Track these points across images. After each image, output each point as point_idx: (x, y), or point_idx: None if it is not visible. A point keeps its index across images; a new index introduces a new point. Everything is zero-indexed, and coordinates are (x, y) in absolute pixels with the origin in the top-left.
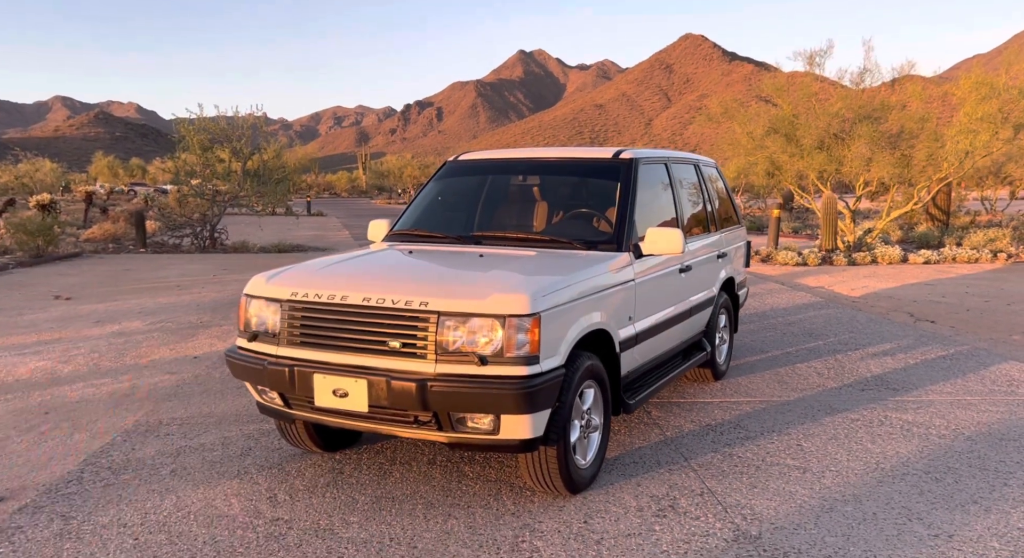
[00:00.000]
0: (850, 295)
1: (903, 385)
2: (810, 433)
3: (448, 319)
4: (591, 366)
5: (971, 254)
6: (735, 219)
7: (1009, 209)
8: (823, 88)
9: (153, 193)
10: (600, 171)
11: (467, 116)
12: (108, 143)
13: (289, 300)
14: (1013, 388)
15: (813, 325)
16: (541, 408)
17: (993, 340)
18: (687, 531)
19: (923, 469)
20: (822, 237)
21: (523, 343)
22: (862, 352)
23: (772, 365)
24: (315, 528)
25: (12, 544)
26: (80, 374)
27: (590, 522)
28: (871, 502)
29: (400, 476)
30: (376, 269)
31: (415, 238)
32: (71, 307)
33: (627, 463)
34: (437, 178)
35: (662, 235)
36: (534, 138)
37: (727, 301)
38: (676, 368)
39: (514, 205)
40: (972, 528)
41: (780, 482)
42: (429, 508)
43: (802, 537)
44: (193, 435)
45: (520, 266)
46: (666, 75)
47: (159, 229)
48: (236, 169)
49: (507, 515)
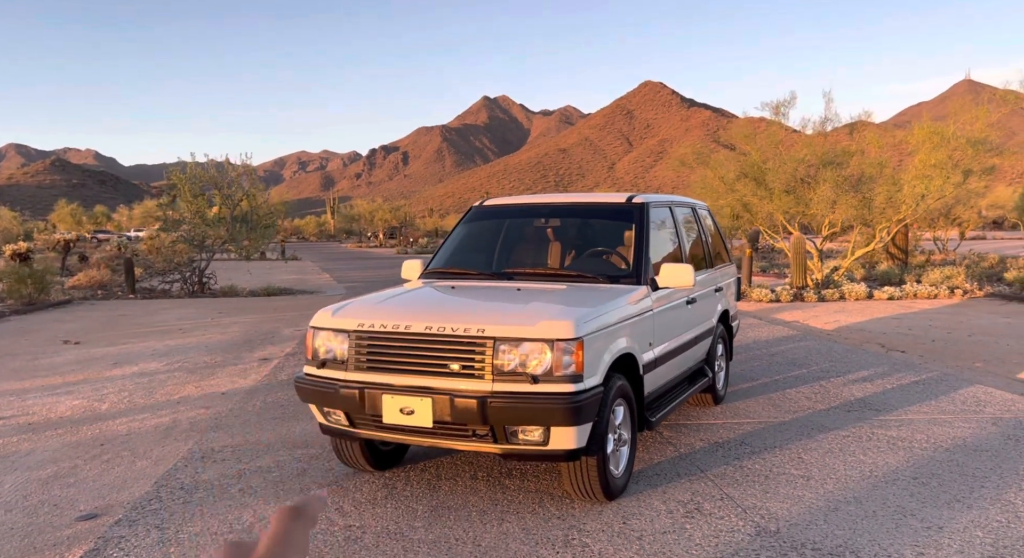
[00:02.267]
0: (824, 328)
1: (884, 406)
2: (808, 448)
3: (503, 344)
4: (622, 386)
5: (931, 290)
6: (726, 257)
7: (960, 249)
8: (787, 135)
9: (124, 240)
10: (616, 214)
11: (433, 160)
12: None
13: (356, 330)
14: (981, 407)
15: (795, 355)
16: (585, 421)
17: (959, 367)
18: (715, 528)
19: (911, 475)
20: (792, 275)
21: (569, 364)
22: (843, 379)
23: (764, 391)
24: (386, 532)
25: (122, 550)
26: (119, 410)
27: (628, 523)
28: (870, 503)
29: (449, 489)
30: (430, 302)
31: (451, 275)
32: (83, 351)
33: (650, 475)
34: (465, 222)
35: (676, 270)
36: (500, 182)
37: (723, 331)
38: (685, 391)
39: (538, 245)
40: (958, 522)
41: (788, 488)
42: (482, 515)
43: (815, 531)
44: (247, 460)
45: (557, 298)
46: (627, 120)
47: (143, 275)
48: (225, 215)
49: (554, 519)
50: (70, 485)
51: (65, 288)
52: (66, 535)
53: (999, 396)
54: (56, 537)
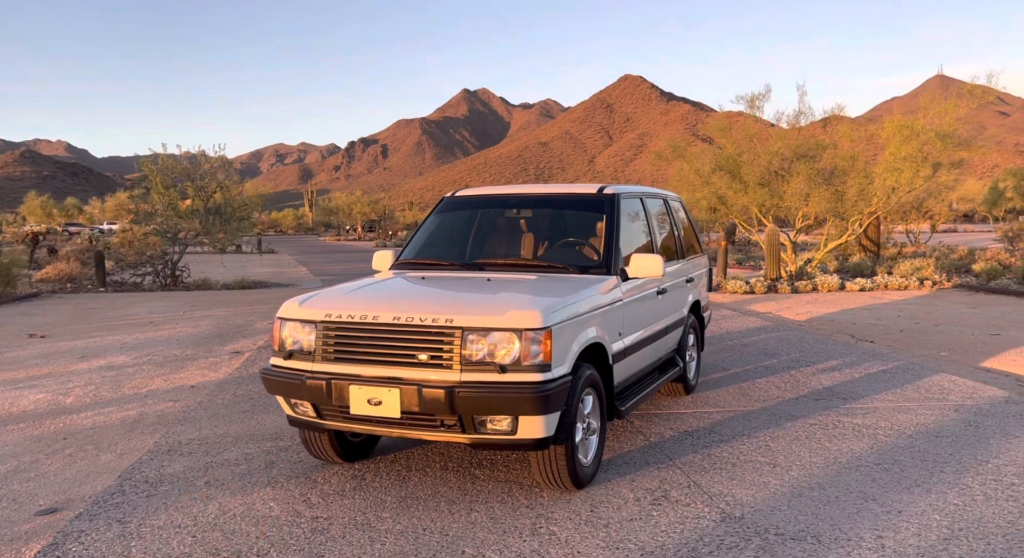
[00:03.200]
0: (796, 319)
1: (851, 395)
2: (775, 435)
3: (471, 333)
4: (591, 375)
5: (901, 282)
6: (698, 248)
7: (931, 241)
8: (762, 129)
9: (96, 233)
10: (587, 204)
11: (413, 153)
12: (35, 182)
13: (324, 321)
14: (944, 395)
15: (766, 346)
16: (553, 410)
17: (925, 356)
18: (680, 515)
19: (874, 461)
20: (767, 267)
21: (537, 353)
22: (812, 368)
23: (734, 381)
24: (354, 523)
25: (82, 544)
26: (85, 404)
27: (596, 510)
28: (833, 488)
29: (419, 480)
30: (399, 292)
31: (420, 266)
32: (49, 344)
33: (619, 464)
34: (436, 212)
35: (645, 260)
36: (480, 175)
37: (694, 322)
38: (656, 380)
39: (509, 235)
40: (917, 505)
41: (755, 475)
42: (451, 504)
43: (778, 516)
44: (215, 453)
45: (526, 288)
46: (607, 114)
47: (115, 268)
48: (198, 207)
49: (522, 508)
50: (30, 479)
51: (33, 281)
52: (24, 530)
53: (962, 384)
54: (14, 532)
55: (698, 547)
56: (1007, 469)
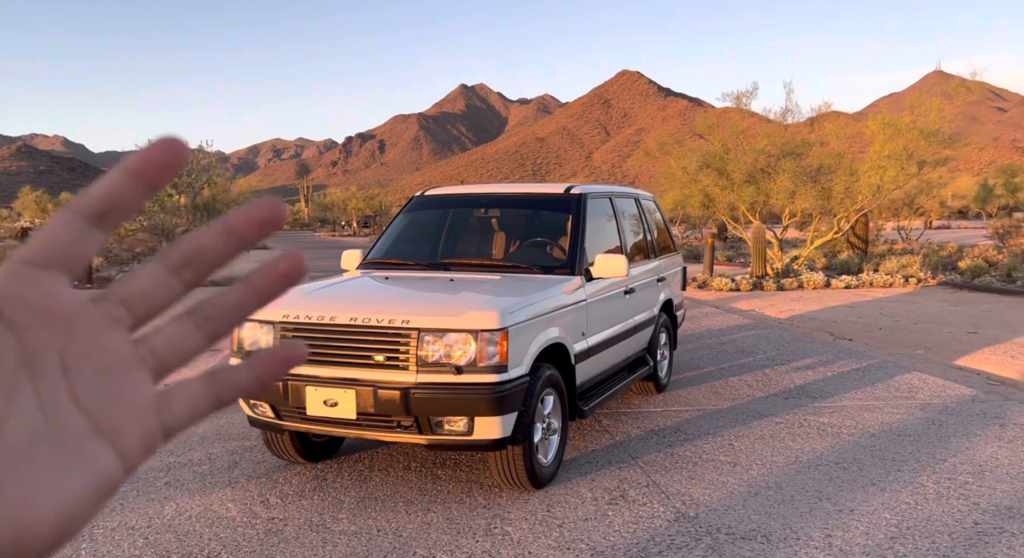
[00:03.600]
0: (778, 317)
1: (821, 393)
2: (740, 434)
3: (427, 335)
4: (550, 375)
5: (886, 279)
6: (672, 247)
7: (923, 238)
8: (753, 124)
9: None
10: (554, 205)
11: (410, 148)
12: (32, 177)
13: (281, 321)
14: (913, 394)
15: (744, 344)
16: (509, 411)
17: (900, 354)
18: (636, 514)
19: (834, 461)
20: (753, 264)
21: (493, 354)
22: (787, 366)
23: (708, 379)
24: (309, 524)
25: None
26: None
27: (552, 511)
28: (790, 488)
29: (379, 480)
30: (359, 293)
31: (387, 266)
32: None
33: (582, 463)
34: (406, 212)
35: (609, 260)
36: (477, 170)
37: (667, 321)
38: (624, 380)
39: (477, 235)
40: (870, 504)
41: (714, 474)
42: (409, 505)
43: (732, 516)
44: (179, 452)
45: (487, 288)
46: (604, 109)
47: (102, 264)
48: (185, 203)
49: (479, 508)
50: None
51: None
52: None
53: (932, 383)
54: None
55: (648, 547)
56: (962, 468)
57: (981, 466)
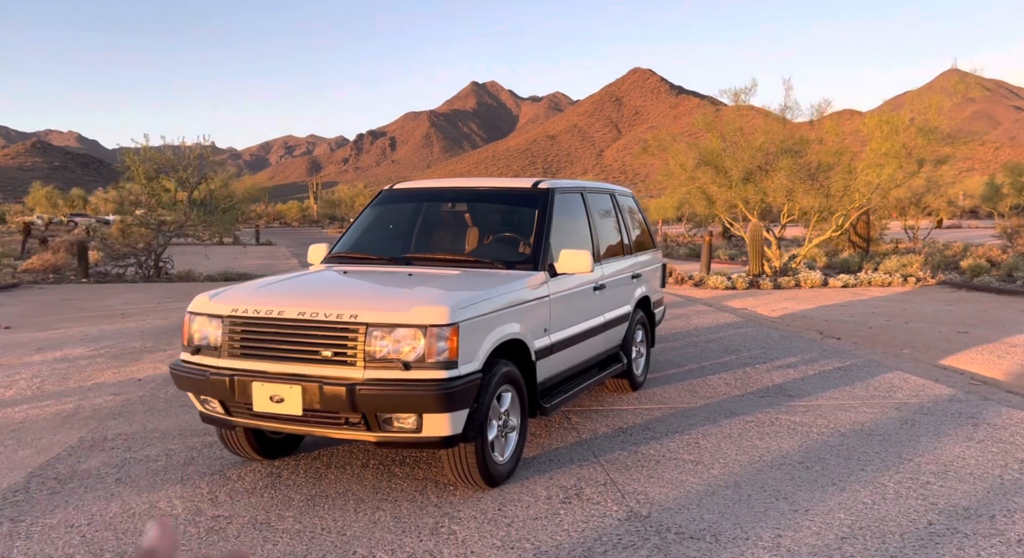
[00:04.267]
0: (770, 316)
1: (798, 392)
2: (708, 433)
3: (375, 329)
4: (508, 372)
5: (884, 278)
6: (651, 243)
7: (930, 237)
8: (753, 122)
9: (95, 223)
10: (521, 199)
11: (421, 146)
12: (46, 173)
13: (230, 316)
14: (891, 393)
15: (731, 342)
16: (459, 408)
17: (886, 353)
18: (587, 513)
19: (798, 460)
20: (750, 263)
21: (443, 350)
22: (769, 365)
23: (687, 377)
24: (253, 522)
25: None
26: (24, 397)
27: (503, 509)
28: (748, 487)
29: (335, 477)
30: (311, 287)
31: (352, 260)
32: (11, 336)
33: (543, 461)
34: (373, 205)
35: (574, 256)
36: (488, 168)
37: (643, 318)
38: (593, 377)
39: (443, 230)
40: (826, 504)
41: (675, 473)
42: (359, 503)
43: (684, 515)
44: (137, 448)
45: (444, 283)
46: (616, 107)
47: (102, 259)
48: (182, 199)
49: (430, 506)
50: None
51: (17, 271)
52: None
53: (913, 382)
54: None
55: (594, 547)
56: (927, 468)
57: (946, 466)
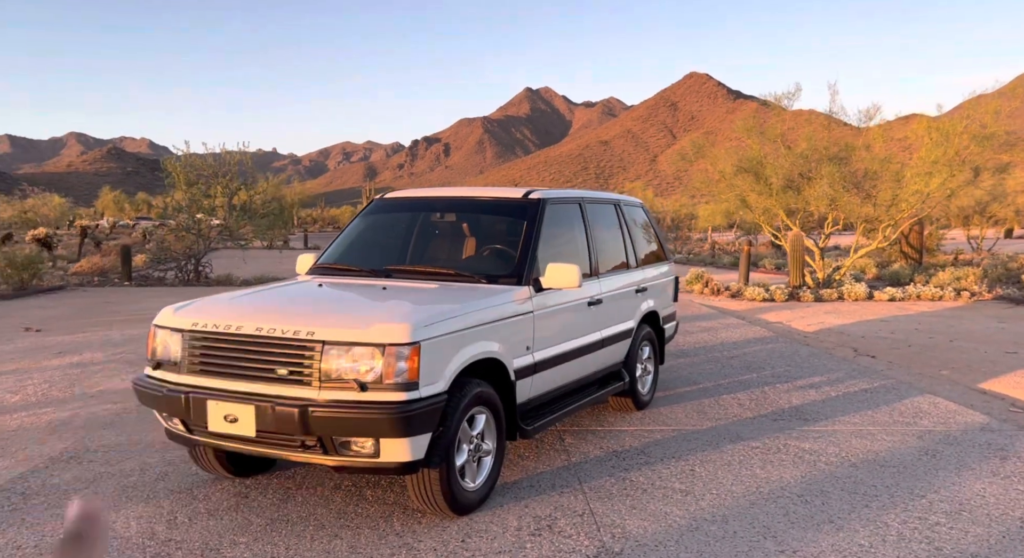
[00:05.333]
0: (804, 330)
1: (815, 416)
2: (707, 460)
3: (332, 348)
4: (480, 393)
5: (935, 292)
6: (661, 255)
7: (997, 248)
8: (797, 127)
9: (154, 227)
10: (510, 210)
11: (474, 152)
12: (120, 178)
13: (191, 330)
14: (917, 419)
15: (755, 359)
16: (419, 432)
17: (921, 375)
18: (555, 547)
19: (798, 493)
20: (790, 274)
21: (402, 371)
22: (791, 384)
23: (699, 396)
24: (202, 549)
25: None
26: (27, 403)
27: (467, 541)
28: (736, 522)
29: (302, 499)
30: (277, 301)
31: (334, 271)
32: (38, 339)
33: (523, 486)
34: (364, 215)
35: (560, 270)
36: (539, 174)
37: (650, 333)
38: (587, 396)
39: (430, 241)
40: (818, 545)
41: (660, 504)
42: (319, 529)
43: (659, 553)
44: (115, 462)
45: (415, 297)
46: (671, 112)
47: (146, 263)
48: (222, 204)
49: (391, 535)
50: None
51: (67, 274)
52: None
53: (943, 407)
54: None
55: None
56: (939, 507)
57: (961, 505)
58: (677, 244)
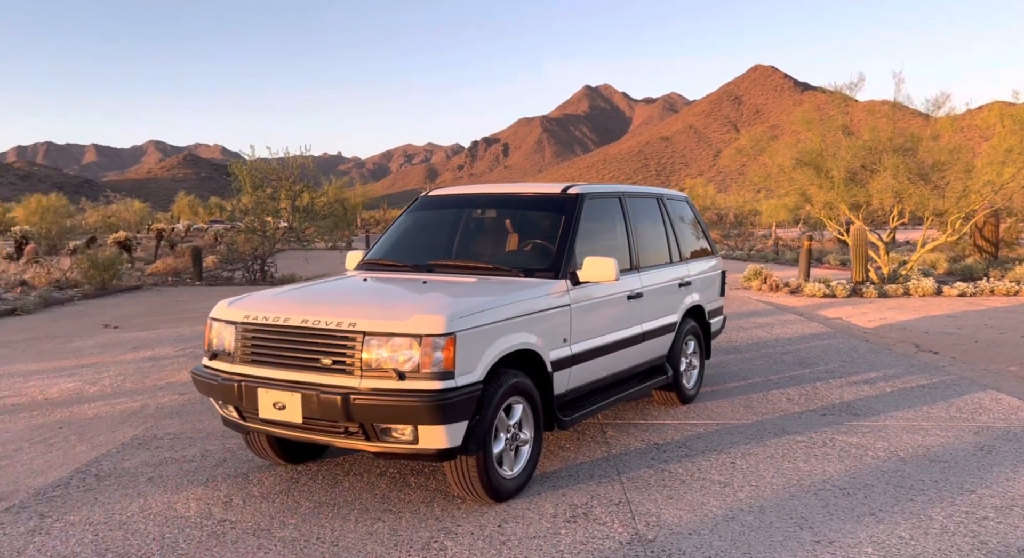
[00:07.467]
0: (865, 326)
1: (866, 411)
2: (749, 453)
3: (372, 338)
4: (517, 383)
5: (1010, 287)
6: (708, 249)
7: None
8: (861, 119)
9: (224, 229)
10: (549, 205)
11: (533, 151)
12: (195, 183)
13: (243, 322)
14: (976, 415)
15: (809, 354)
16: (456, 420)
17: (986, 371)
18: (589, 534)
19: (840, 486)
20: (852, 269)
21: (438, 360)
22: (844, 380)
23: (747, 391)
24: (255, 529)
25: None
26: (103, 394)
27: (503, 526)
28: (773, 513)
29: (349, 485)
30: (323, 295)
31: (380, 267)
32: (116, 335)
33: (562, 476)
34: (409, 212)
35: (597, 264)
36: (599, 172)
37: (695, 328)
38: (629, 389)
39: (471, 236)
40: (856, 536)
41: (698, 495)
42: (363, 513)
43: (692, 541)
44: (179, 448)
45: (453, 291)
46: (735, 106)
47: (217, 263)
48: (286, 206)
49: (431, 520)
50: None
51: (143, 275)
52: None
53: (1006, 403)
54: None
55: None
56: (989, 501)
57: (1013, 500)
58: (739, 240)
